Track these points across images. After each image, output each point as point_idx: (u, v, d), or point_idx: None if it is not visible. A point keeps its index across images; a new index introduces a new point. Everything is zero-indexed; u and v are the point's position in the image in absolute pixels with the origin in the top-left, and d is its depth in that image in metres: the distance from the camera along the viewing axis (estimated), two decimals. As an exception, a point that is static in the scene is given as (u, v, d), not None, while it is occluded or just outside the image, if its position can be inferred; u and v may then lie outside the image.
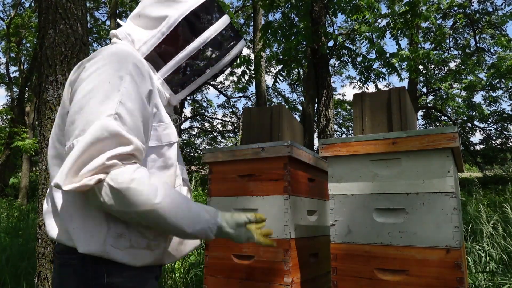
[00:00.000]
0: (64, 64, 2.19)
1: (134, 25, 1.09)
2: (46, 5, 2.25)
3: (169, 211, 0.91)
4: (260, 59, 6.38)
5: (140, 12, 1.08)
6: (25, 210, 8.68)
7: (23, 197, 12.87)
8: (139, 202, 0.86)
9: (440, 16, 14.95)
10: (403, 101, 1.70)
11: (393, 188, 1.49)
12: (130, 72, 0.92)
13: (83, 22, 2.34)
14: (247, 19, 18.94)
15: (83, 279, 0.94)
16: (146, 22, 1.06)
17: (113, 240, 0.93)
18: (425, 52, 6.37)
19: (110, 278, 0.94)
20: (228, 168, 1.86)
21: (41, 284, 2.02)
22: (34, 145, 10.94)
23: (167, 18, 1.04)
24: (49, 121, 2.13)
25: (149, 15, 1.06)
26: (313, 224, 1.94)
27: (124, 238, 0.95)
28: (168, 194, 0.92)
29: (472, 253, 3.38)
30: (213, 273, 1.82)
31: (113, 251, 0.93)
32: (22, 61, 16.60)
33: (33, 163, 15.55)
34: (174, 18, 1.04)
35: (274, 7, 5.89)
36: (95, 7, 19.17)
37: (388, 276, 1.44)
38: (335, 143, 1.64)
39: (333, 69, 19.02)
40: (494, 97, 17.59)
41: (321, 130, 5.48)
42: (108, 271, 0.94)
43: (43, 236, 2.05)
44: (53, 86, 2.16)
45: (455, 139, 1.40)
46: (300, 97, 21.70)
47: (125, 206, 0.86)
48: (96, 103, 0.87)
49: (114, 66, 0.92)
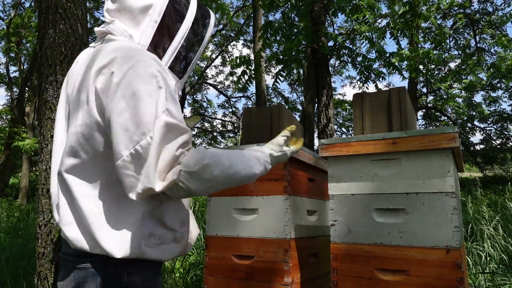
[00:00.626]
0: (64, 64, 2.19)
1: (121, 21, 1.05)
2: (46, 5, 2.25)
3: (239, 166, 1.03)
4: (260, 59, 6.38)
5: (121, 6, 1.05)
6: (25, 210, 8.68)
7: (23, 197, 12.87)
8: (218, 173, 0.95)
9: (440, 16, 14.95)
10: (403, 101, 1.70)
11: (393, 188, 1.49)
12: (157, 68, 0.93)
13: (83, 22, 2.34)
14: (247, 19, 18.94)
15: (104, 281, 0.96)
16: (131, 15, 1.04)
17: (145, 240, 0.97)
18: (425, 51, 6.36)
19: (129, 277, 0.98)
20: (228, 168, 1.86)
21: (41, 284, 2.02)
22: (34, 145, 10.94)
23: (152, 6, 1.04)
24: (49, 121, 2.13)
25: (131, 7, 1.04)
26: (313, 224, 1.94)
27: (154, 236, 1.00)
28: (229, 155, 1.02)
29: (472, 253, 3.38)
30: (213, 273, 1.82)
31: (147, 250, 0.97)
32: (22, 61, 16.60)
33: (33, 163, 15.55)
34: (160, 4, 1.05)
35: (274, 7, 5.89)
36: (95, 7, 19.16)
37: (388, 276, 1.44)
38: (335, 143, 1.64)
39: (333, 69, 19.01)
40: (494, 97, 17.59)
41: (321, 130, 5.48)
42: (128, 271, 0.98)
43: (43, 236, 2.05)
44: (53, 86, 2.16)
45: (455, 139, 1.40)
46: (300, 97, 21.70)
47: (208, 182, 0.95)
48: (145, 105, 0.88)
49: (141, 65, 0.92)
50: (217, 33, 19.87)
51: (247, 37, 20.56)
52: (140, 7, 1.04)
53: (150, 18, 1.04)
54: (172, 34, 1.08)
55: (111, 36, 1.04)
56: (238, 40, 21.72)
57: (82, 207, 0.97)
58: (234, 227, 1.80)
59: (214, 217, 1.86)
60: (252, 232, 1.74)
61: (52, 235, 2.03)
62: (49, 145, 2.11)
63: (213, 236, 1.85)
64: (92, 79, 0.95)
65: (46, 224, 2.05)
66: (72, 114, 1.02)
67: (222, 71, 42.12)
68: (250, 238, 1.74)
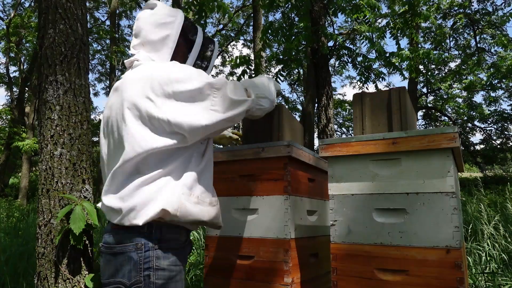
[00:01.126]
0: (64, 64, 2.19)
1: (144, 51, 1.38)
2: (46, 5, 2.25)
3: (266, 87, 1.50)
4: (260, 59, 6.37)
5: (144, 40, 1.37)
6: (25, 210, 8.68)
7: (23, 197, 12.87)
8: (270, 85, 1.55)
9: (440, 16, 14.94)
10: (403, 101, 1.70)
11: (393, 188, 1.49)
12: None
13: (83, 22, 2.34)
14: (247, 19, 18.94)
15: (136, 264, 1.17)
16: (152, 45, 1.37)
17: (185, 196, 1.21)
18: (426, 51, 6.35)
19: (158, 262, 1.19)
20: (228, 168, 1.86)
21: (41, 284, 2.02)
22: (34, 145, 10.94)
23: (168, 36, 1.37)
24: (49, 121, 2.13)
25: (152, 39, 1.36)
26: (313, 224, 1.94)
27: (193, 194, 1.25)
28: (254, 82, 1.50)
29: (472, 253, 3.38)
30: (213, 273, 1.82)
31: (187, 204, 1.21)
32: (22, 61, 16.59)
33: (33, 163, 15.55)
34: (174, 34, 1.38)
35: (274, 7, 5.89)
36: (95, 7, 19.16)
37: (388, 276, 1.44)
38: (335, 143, 1.63)
39: (333, 69, 19.01)
40: (494, 97, 17.59)
41: (321, 130, 5.48)
42: (157, 256, 1.19)
43: (43, 236, 2.05)
44: (53, 86, 2.16)
45: (455, 139, 1.40)
46: (300, 97, 21.70)
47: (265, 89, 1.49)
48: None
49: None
50: (217, 33, 19.87)
51: (247, 37, 20.57)
52: (158, 38, 1.36)
53: (167, 46, 1.37)
54: (185, 56, 1.43)
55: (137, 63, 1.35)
56: (238, 40, 21.72)
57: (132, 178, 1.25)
58: (234, 227, 1.80)
59: (214, 217, 1.86)
60: (252, 232, 1.74)
61: (52, 235, 2.03)
62: (49, 145, 2.11)
63: (213, 236, 1.85)
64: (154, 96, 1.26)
65: (46, 224, 2.05)
66: None
67: (222, 71, 42.07)
68: (250, 238, 1.74)
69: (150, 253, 1.19)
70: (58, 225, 2.05)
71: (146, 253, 1.18)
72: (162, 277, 1.19)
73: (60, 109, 2.14)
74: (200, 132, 1.23)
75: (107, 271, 1.23)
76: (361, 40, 5.91)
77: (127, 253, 1.19)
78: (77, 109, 2.20)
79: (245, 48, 23.21)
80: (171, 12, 1.41)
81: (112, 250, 1.22)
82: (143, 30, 1.37)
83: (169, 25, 1.37)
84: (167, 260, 1.21)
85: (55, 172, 2.08)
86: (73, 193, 2.09)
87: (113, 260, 1.21)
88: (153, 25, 1.36)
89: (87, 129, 2.24)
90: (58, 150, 2.10)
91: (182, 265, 1.27)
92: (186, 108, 1.21)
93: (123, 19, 21.26)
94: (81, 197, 2.11)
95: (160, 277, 1.19)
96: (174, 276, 1.22)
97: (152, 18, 1.38)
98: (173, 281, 1.21)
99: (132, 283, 1.17)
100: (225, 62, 22.06)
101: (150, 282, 1.17)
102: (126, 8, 20.13)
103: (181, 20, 1.40)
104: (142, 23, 1.38)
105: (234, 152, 1.85)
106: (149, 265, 1.18)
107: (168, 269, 1.20)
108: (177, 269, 1.23)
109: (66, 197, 2.04)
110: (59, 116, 2.13)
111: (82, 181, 2.15)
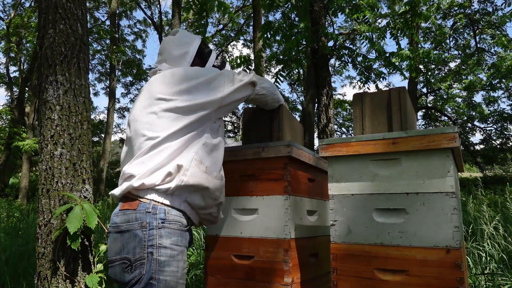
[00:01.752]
0: (64, 64, 2.19)
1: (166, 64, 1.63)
2: (46, 5, 2.25)
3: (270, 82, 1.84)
4: (260, 59, 6.37)
5: (167, 56, 1.64)
6: (25, 210, 8.68)
7: (23, 197, 12.87)
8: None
9: (440, 16, 14.94)
10: (403, 101, 1.70)
11: (393, 188, 1.49)
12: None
13: (83, 22, 2.34)
14: (247, 19, 18.94)
15: (141, 241, 1.28)
16: (173, 60, 1.62)
17: (196, 163, 1.40)
18: (426, 51, 6.35)
19: (161, 240, 1.30)
20: (228, 168, 1.86)
21: (41, 284, 2.02)
22: (34, 145, 10.94)
23: (188, 53, 1.64)
24: (49, 121, 2.13)
25: (174, 55, 1.63)
26: (313, 224, 1.94)
27: (203, 164, 1.43)
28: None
29: (472, 253, 3.38)
30: (213, 273, 1.82)
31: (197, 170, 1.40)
32: (22, 61, 16.59)
33: (33, 163, 15.55)
34: (192, 52, 1.65)
35: (274, 7, 5.89)
36: (95, 7, 19.16)
37: (388, 276, 1.44)
38: (335, 143, 1.63)
39: (333, 69, 19.01)
40: (494, 97, 17.59)
41: (321, 130, 5.48)
42: (160, 235, 1.30)
43: (43, 236, 2.05)
44: (53, 86, 2.16)
45: (455, 139, 1.40)
46: (300, 97, 21.70)
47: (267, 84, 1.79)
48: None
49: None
50: (217, 33, 19.87)
51: (247, 37, 20.57)
52: (179, 54, 1.63)
53: (185, 60, 1.63)
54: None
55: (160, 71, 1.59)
56: (238, 40, 21.72)
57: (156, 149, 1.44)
58: (234, 227, 1.80)
59: (214, 217, 1.86)
60: (252, 232, 1.74)
61: (52, 235, 2.03)
62: (49, 145, 2.11)
63: (213, 236, 1.85)
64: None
65: (46, 224, 2.05)
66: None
67: (222, 71, 42.01)
68: (250, 238, 1.74)
69: (154, 231, 1.30)
70: (58, 225, 2.04)
71: (151, 231, 1.29)
72: (164, 255, 1.29)
73: (60, 109, 2.14)
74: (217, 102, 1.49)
75: (113, 249, 1.34)
76: (361, 40, 5.91)
77: (133, 231, 1.30)
78: (77, 109, 2.20)
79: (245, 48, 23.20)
80: (191, 36, 1.70)
81: (119, 228, 1.34)
82: (167, 49, 1.64)
83: (188, 45, 1.65)
84: (169, 240, 1.32)
85: (55, 172, 2.08)
86: (73, 193, 2.09)
87: (119, 238, 1.33)
88: (176, 44, 1.64)
89: (87, 129, 2.24)
90: (58, 150, 2.10)
91: (184, 246, 1.38)
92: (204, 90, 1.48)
93: (123, 19, 21.27)
94: (81, 197, 2.11)
95: (163, 255, 1.29)
96: (176, 255, 1.33)
97: (175, 39, 1.66)
98: (174, 259, 1.32)
99: (136, 259, 1.28)
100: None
101: (153, 259, 1.27)
102: (126, 8, 20.13)
103: (198, 42, 1.69)
104: (166, 44, 1.66)
105: (234, 152, 1.85)
106: (152, 242, 1.28)
107: (170, 248, 1.31)
108: (179, 249, 1.35)
109: (67, 195, 2.04)
110: (59, 116, 2.13)
111: (82, 181, 2.15)
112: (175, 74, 1.49)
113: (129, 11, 20.57)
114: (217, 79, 1.53)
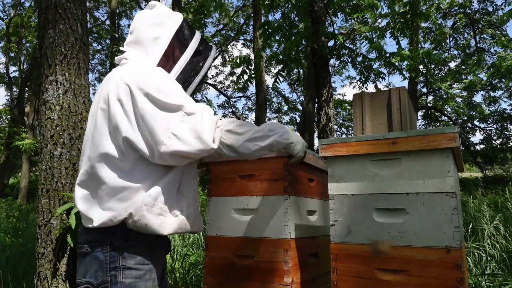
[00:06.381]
0: (64, 64, 2.19)
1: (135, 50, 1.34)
2: (46, 5, 2.25)
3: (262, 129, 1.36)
4: (260, 59, 6.37)
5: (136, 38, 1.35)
6: (25, 210, 8.68)
7: (23, 197, 12.87)
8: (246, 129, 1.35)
9: (440, 16, 14.94)
10: (403, 101, 1.70)
11: (393, 188, 1.49)
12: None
13: (83, 22, 2.34)
14: (247, 19, 18.93)
15: (102, 264, 1.17)
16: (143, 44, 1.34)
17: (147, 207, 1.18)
18: (426, 51, 6.35)
19: (124, 261, 1.17)
20: (228, 168, 1.86)
21: (40, 284, 2.02)
22: (34, 145, 10.93)
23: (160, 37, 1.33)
24: (48, 121, 2.13)
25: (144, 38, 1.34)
26: (313, 224, 1.94)
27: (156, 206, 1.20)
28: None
29: (472, 253, 3.37)
30: (213, 273, 1.82)
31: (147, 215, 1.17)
32: (22, 61, 16.59)
33: (33, 163, 15.54)
34: (166, 36, 1.34)
35: (274, 7, 5.89)
36: (95, 7, 19.15)
37: (388, 276, 1.44)
38: (335, 143, 1.63)
39: (333, 69, 19.01)
40: (494, 97, 17.58)
41: (321, 130, 5.48)
42: (123, 256, 1.17)
43: (42, 236, 2.05)
44: (53, 86, 2.16)
45: (455, 139, 1.39)
46: (300, 97, 21.70)
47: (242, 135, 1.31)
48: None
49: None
50: (217, 33, 19.86)
51: (247, 37, 20.56)
52: (150, 38, 1.33)
53: (158, 47, 1.33)
54: (176, 60, 1.36)
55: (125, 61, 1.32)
56: (238, 40, 21.72)
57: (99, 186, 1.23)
58: (234, 227, 1.80)
59: (214, 217, 1.86)
60: (252, 232, 1.74)
61: (52, 235, 2.03)
62: (49, 145, 2.11)
63: (213, 236, 1.85)
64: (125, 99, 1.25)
65: (46, 224, 2.05)
66: None
67: (222, 71, 42.05)
68: (250, 238, 1.74)
69: (116, 252, 1.17)
70: (58, 224, 2.04)
71: (112, 253, 1.17)
72: (129, 276, 1.17)
73: (60, 109, 2.14)
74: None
75: (80, 271, 1.23)
76: (361, 40, 5.91)
77: (94, 253, 1.19)
78: (77, 109, 2.20)
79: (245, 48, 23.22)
80: (168, 13, 1.38)
81: (82, 250, 1.23)
82: (138, 28, 1.36)
83: (163, 26, 1.35)
84: (133, 259, 1.18)
85: (55, 172, 2.08)
86: (73, 193, 2.09)
87: (83, 260, 1.22)
88: (148, 24, 1.35)
89: (87, 129, 2.24)
90: (58, 150, 2.10)
91: (152, 263, 1.23)
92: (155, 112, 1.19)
93: (123, 19, 21.26)
94: (81, 197, 2.11)
95: (127, 276, 1.17)
96: (143, 275, 1.19)
97: (149, 17, 1.36)
98: (142, 280, 1.19)
99: (99, 283, 1.17)
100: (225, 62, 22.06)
101: (117, 282, 1.16)
102: (126, 8, 20.12)
103: (177, 22, 1.37)
104: (138, 21, 1.37)
105: (234, 152, 1.84)
106: (115, 264, 1.17)
107: (135, 268, 1.18)
108: (146, 267, 1.20)
109: (67, 195, 2.04)
110: (59, 116, 2.13)
111: (82, 181, 2.15)
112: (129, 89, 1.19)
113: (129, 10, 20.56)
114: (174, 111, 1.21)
